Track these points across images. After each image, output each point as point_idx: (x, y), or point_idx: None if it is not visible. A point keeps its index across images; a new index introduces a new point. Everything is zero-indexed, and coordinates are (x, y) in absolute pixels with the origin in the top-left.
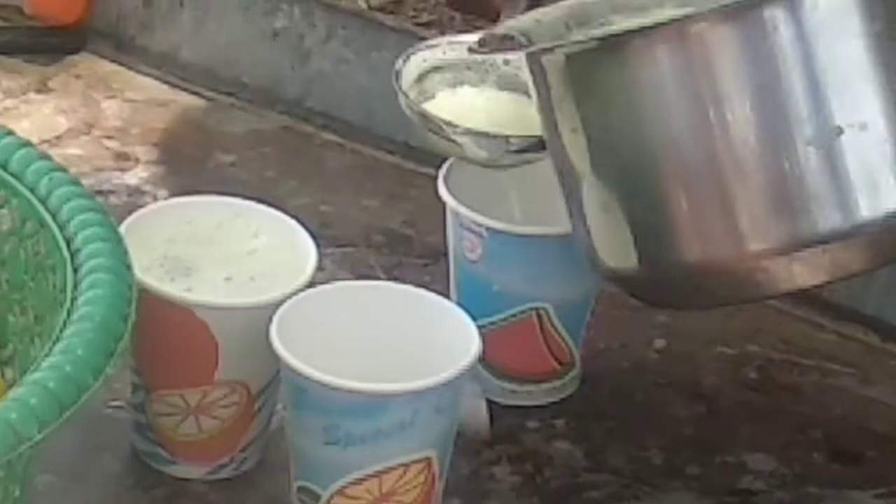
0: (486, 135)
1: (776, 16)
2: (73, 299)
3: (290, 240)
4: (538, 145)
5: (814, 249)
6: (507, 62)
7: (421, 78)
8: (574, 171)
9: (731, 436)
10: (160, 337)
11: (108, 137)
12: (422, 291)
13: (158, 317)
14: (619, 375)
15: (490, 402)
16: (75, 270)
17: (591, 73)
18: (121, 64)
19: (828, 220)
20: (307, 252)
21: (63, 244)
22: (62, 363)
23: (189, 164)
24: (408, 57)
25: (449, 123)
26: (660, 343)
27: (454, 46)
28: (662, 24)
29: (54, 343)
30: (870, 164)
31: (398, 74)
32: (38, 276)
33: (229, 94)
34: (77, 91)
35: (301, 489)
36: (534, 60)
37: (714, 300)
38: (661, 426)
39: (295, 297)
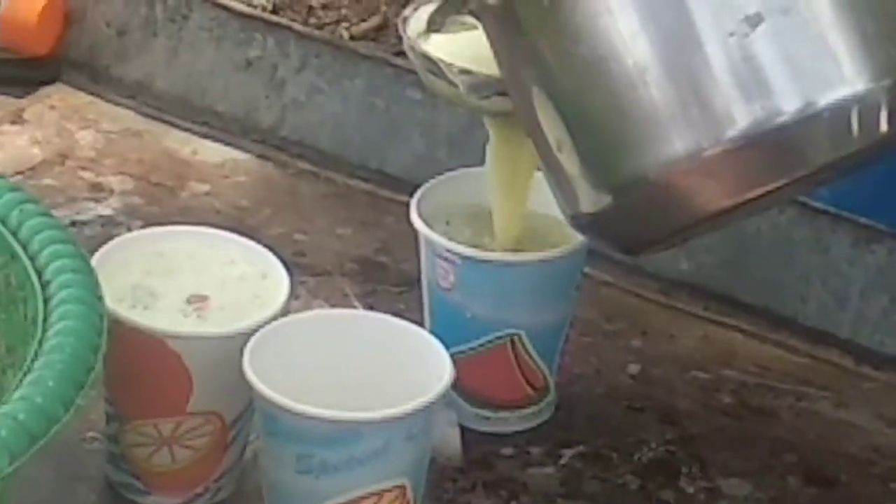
0: (481, 75)
1: None
2: (45, 330)
3: (263, 269)
4: None
5: (764, 144)
6: None
7: (430, 28)
8: (537, 121)
9: (706, 461)
10: (133, 367)
11: (83, 168)
12: (394, 319)
13: (131, 347)
14: (594, 401)
15: (465, 429)
16: (46, 301)
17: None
18: (95, 94)
19: (785, 106)
20: (280, 281)
21: (34, 275)
22: (32, 395)
23: (164, 194)
24: (418, 6)
25: (447, 63)
26: (634, 368)
27: None
28: None
29: (25, 374)
30: (798, 50)
31: (405, 20)
32: (9, 307)
33: (204, 123)
34: (51, 122)
35: None
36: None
37: (692, 218)
38: (636, 451)
39: (267, 327)
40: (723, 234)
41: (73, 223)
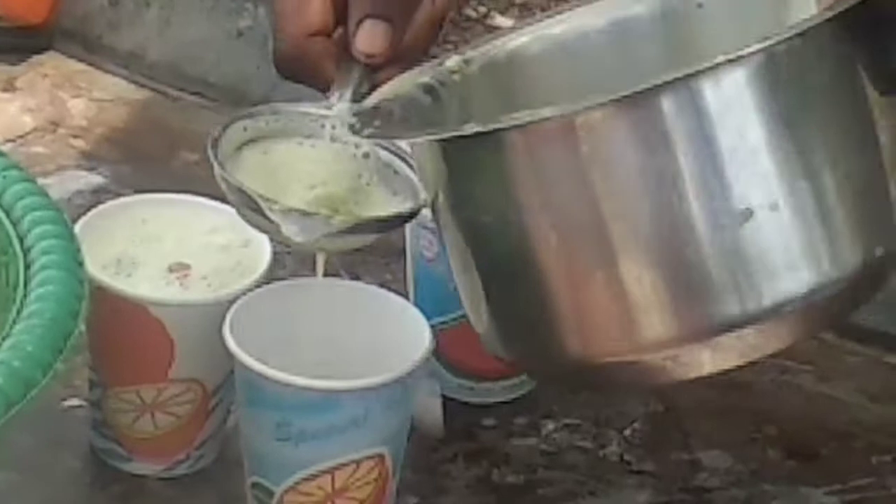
0: (304, 213)
1: (674, 103)
2: (25, 296)
3: (246, 237)
4: (365, 227)
5: (727, 335)
6: (334, 126)
7: (241, 148)
8: (466, 258)
9: (687, 433)
10: (115, 334)
11: (74, 136)
12: (374, 288)
13: (114, 314)
14: None
15: (447, 400)
16: (27, 267)
17: (486, 157)
18: (88, 63)
19: (743, 303)
20: (262, 249)
21: (16, 241)
22: (10, 359)
23: (154, 163)
24: (226, 126)
25: (266, 199)
26: None
27: (278, 117)
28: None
29: (4, 339)
30: (781, 244)
31: (215, 143)
32: None
33: (195, 93)
34: (44, 90)
35: (254, 485)
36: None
37: (622, 387)
38: (617, 423)
39: (248, 295)
40: None
41: (64, 191)
